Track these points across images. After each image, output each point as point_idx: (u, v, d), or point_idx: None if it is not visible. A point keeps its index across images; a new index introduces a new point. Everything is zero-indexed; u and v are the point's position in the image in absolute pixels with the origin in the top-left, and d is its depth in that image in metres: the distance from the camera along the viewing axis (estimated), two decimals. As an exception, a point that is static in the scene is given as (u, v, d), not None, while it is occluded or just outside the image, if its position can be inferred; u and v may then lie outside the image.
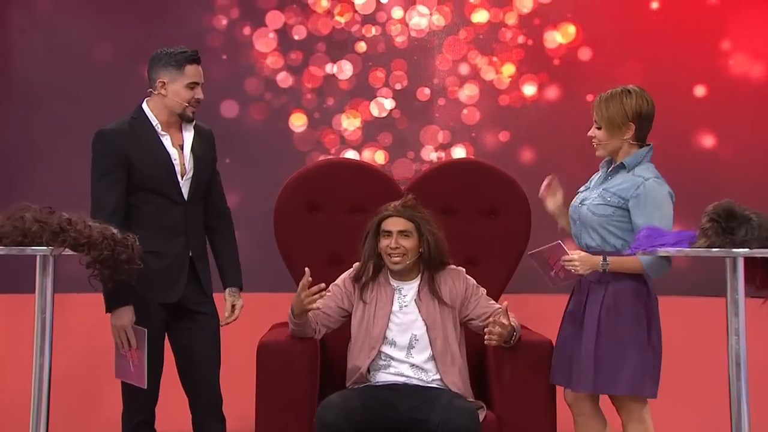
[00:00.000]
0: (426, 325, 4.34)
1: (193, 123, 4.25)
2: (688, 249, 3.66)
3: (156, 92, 4.20)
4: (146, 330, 4.04)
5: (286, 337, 4.33)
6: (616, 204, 4.03)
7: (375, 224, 4.38)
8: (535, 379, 4.25)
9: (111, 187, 4.09)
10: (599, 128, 4.07)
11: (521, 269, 4.81)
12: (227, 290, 4.35)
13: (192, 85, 4.19)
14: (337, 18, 5.88)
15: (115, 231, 3.62)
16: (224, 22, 5.89)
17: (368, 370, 4.35)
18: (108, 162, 4.11)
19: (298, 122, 5.88)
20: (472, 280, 4.45)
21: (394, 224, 4.35)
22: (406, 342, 4.34)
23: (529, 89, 5.87)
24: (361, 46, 5.90)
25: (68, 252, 3.53)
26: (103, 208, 4.04)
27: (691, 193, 4.95)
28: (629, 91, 4.06)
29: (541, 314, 4.71)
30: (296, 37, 5.89)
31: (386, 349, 4.34)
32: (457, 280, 4.42)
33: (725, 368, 3.70)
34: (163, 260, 4.13)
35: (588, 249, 4.08)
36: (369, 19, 5.90)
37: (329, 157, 5.76)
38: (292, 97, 5.86)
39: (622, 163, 4.07)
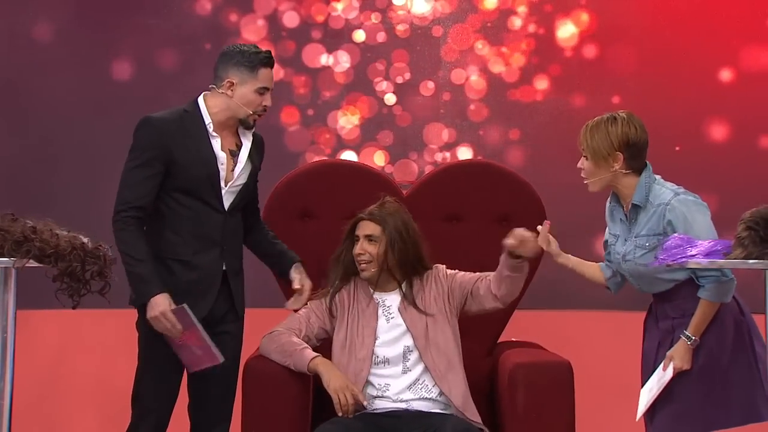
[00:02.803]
0: (412, 336, 4.33)
1: (252, 130, 4.25)
2: (722, 260, 3.61)
3: (221, 91, 4.18)
4: (185, 306, 4.01)
5: (275, 357, 4.32)
6: (658, 244, 3.99)
7: (349, 229, 4.41)
8: (552, 404, 4.24)
9: (141, 182, 4.09)
10: (587, 158, 4.11)
11: (536, 282, 4.77)
12: (293, 267, 4.32)
13: (262, 91, 4.19)
14: (333, 4, 5.88)
15: (85, 240, 3.57)
16: (208, 6, 5.87)
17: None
18: (146, 154, 4.11)
19: (289, 120, 5.87)
20: (452, 271, 4.44)
21: (362, 228, 4.38)
22: (400, 354, 4.31)
23: (540, 83, 5.86)
24: (360, 35, 5.89)
25: (33, 264, 3.48)
26: (125, 202, 4.07)
27: (725, 196, 4.92)
28: (615, 117, 4.09)
29: (558, 332, 4.73)
30: (288, 25, 5.88)
31: (379, 370, 4.30)
32: (437, 278, 4.42)
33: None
34: (192, 271, 4.14)
35: (662, 294, 4.08)
36: (368, 6, 5.89)
37: (324, 158, 5.76)
38: (283, 91, 5.84)
39: (635, 204, 4.07)
